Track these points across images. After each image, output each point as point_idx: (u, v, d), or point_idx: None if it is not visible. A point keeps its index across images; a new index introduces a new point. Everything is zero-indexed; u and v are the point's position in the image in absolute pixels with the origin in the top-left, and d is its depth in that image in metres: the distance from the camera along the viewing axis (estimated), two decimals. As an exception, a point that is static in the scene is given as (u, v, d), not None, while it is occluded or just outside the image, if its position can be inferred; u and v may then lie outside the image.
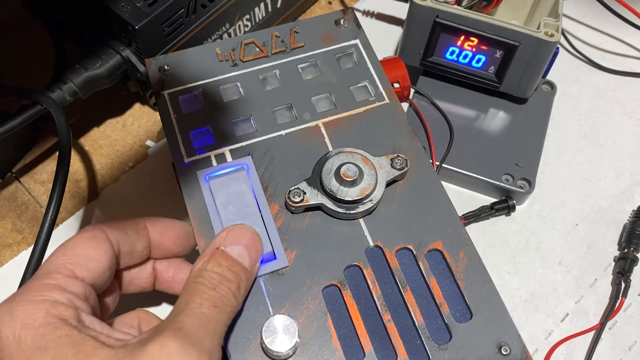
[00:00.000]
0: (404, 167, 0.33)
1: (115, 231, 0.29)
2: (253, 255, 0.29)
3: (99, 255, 0.28)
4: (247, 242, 0.29)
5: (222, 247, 0.28)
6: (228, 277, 0.27)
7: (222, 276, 0.27)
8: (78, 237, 0.28)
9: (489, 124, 0.46)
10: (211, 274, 0.27)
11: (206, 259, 0.27)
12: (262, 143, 0.35)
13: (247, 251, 0.28)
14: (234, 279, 0.27)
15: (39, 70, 0.49)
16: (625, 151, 0.47)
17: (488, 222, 0.43)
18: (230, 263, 0.27)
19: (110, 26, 0.42)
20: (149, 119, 0.48)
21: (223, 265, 0.27)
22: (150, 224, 0.31)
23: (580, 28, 0.55)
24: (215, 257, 0.27)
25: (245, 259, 0.28)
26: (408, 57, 0.46)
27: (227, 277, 0.27)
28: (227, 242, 0.28)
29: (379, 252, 0.31)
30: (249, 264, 0.28)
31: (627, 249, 0.41)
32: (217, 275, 0.27)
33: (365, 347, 0.28)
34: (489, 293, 0.30)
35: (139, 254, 0.31)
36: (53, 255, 0.27)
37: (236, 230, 0.29)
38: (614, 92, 0.51)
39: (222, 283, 0.27)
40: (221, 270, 0.27)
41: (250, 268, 0.28)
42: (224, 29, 0.46)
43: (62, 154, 0.37)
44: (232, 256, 0.28)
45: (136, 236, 0.30)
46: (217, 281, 0.26)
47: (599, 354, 0.38)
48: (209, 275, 0.27)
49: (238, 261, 0.28)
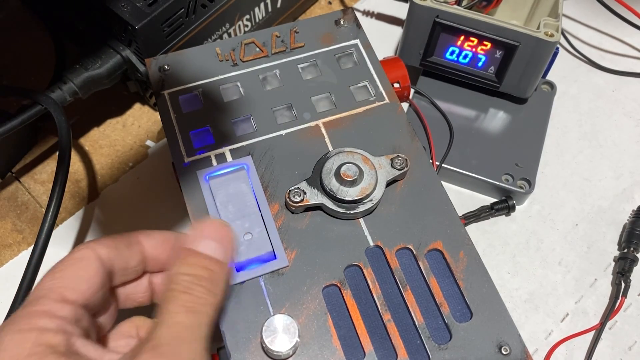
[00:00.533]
0: (404, 167, 0.33)
1: (106, 249, 0.28)
2: (227, 246, 0.28)
3: (90, 276, 0.27)
4: (218, 235, 0.27)
5: (193, 246, 0.27)
6: (201, 275, 0.26)
7: (193, 276, 0.26)
8: (67, 258, 0.27)
9: (489, 124, 0.46)
10: (183, 277, 0.26)
11: (178, 263, 0.26)
12: (262, 143, 0.35)
13: (220, 244, 0.27)
14: (208, 275, 0.26)
15: (39, 70, 0.49)
16: (625, 151, 0.47)
17: (488, 222, 0.43)
18: (201, 260, 0.27)
19: (110, 26, 0.42)
20: (149, 119, 0.48)
21: (194, 265, 0.26)
22: (144, 237, 0.30)
23: (580, 28, 0.55)
24: (185, 258, 0.27)
25: (218, 252, 0.27)
26: (408, 57, 0.46)
27: (200, 275, 0.26)
28: (198, 239, 0.27)
29: (379, 252, 0.31)
30: (224, 256, 0.27)
31: (627, 249, 0.41)
32: (189, 276, 0.26)
33: (365, 346, 0.28)
34: (489, 293, 0.30)
35: (133, 269, 0.30)
36: (42, 280, 0.26)
37: (205, 225, 0.28)
38: (613, 92, 0.51)
39: (195, 283, 0.26)
40: (192, 270, 0.26)
41: (225, 260, 0.27)
42: (224, 29, 0.46)
43: (62, 154, 0.37)
44: (202, 252, 0.27)
45: (129, 252, 0.29)
46: (190, 282, 0.26)
47: (599, 354, 0.38)
48: (180, 279, 0.26)
49: (209, 255, 0.27)
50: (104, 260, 0.28)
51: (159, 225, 0.42)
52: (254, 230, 0.31)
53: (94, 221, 0.43)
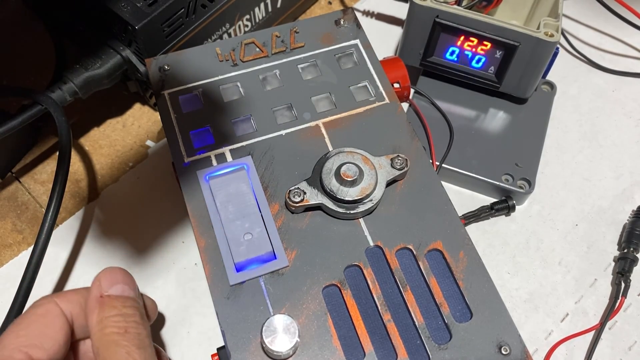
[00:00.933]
0: (404, 167, 0.33)
1: (69, 304, 0.29)
2: (132, 285, 0.30)
3: (54, 332, 0.27)
4: (122, 278, 0.29)
5: (104, 292, 0.28)
6: (128, 313, 0.27)
7: (123, 315, 0.27)
8: (31, 313, 0.28)
9: (489, 124, 0.46)
10: (113, 319, 0.27)
11: (98, 310, 0.27)
12: (262, 143, 0.35)
13: (127, 285, 0.29)
14: (133, 311, 0.28)
15: (39, 70, 0.49)
16: (625, 151, 0.47)
17: (488, 222, 0.43)
18: (122, 301, 0.28)
19: (110, 26, 0.42)
20: (149, 119, 0.48)
21: (118, 307, 0.28)
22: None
23: (580, 28, 0.55)
24: (106, 303, 0.28)
25: (129, 291, 0.29)
26: (408, 57, 0.46)
27: (127, 313, 0.27)
28: (105, 286, 0.28)
29: (379, 252, 0.31)
30: (134, 294, 0.29)
31: (627, 249, 0.41)
32: (119, 317, 0.27)
33: (365, 346, 0.28)
34: (489, 293, 0.30)
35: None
36: (6, 338, 0.27)
37: (106, 273, 0.29)
38: (613, 92, 0.51)
39: (128, 322, 0.27)
40: (119, 311, 0.27)
41: (137, 297, 0.29)
42: (224, 29, 0.46)
43: (62, 154, 0.37)
44: (119, 295, 0.28)
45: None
46: (123, 322, 0.27)
47: (599, 354, 0.38)
48: (112, 322, 0.27)
49: (125, 296, 0.28)
50: (66, 315, 0.28)
51: (159, 225, 0.42)
52: (254, 230, 0.31)
53: (94, 221, 0.43)
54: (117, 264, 0.41)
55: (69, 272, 0.40)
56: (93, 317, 0.27)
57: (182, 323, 0.38)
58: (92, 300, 0.28)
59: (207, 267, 0.30)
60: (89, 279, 0.40)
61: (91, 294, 0.28)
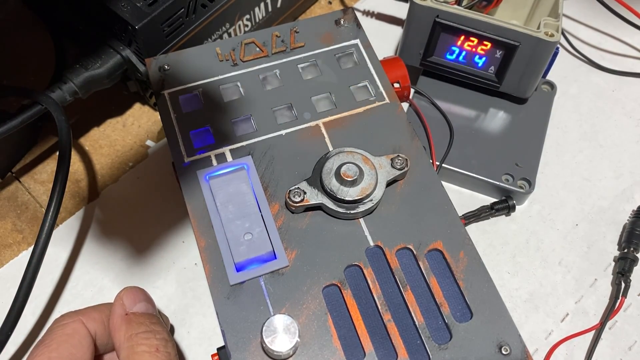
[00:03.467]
0: (404, 167, 0.33)
1: (94, 323, 0.29)
2: (153, 303, 0.30)
3: (83, 353, 0.28)
4: (143, 297, 0.30)
5: (129, 310, 0.29)
6: (157, 330, 0.28)
7: (152, 332, 0.28)
8: (59, 334, 0.28)
9: (489, 124, 0.46)
10: (143, 336, 0.27)
11: (126, 326, 0.28)
12: (262, 143, 0.35)
13: (149, 303, 0.30)
14: (160, 328, 0.28)
15: (39, 70, 0.49)
16: (625, 151, 0.47)
17: (488, 222, 0.43)
18: (148, 318, 0.29)
19: (110, 26, 0.42)
20: (149, 119, 0.48)
21: (146, 323, 0.28)
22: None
23: (580, 28, 0.55)
24: (133, 320, 0.28)
25: (152, 310, 0.30)
26: (408, 57, 0.46)
27: (156, 330, 0.28)
28: (129, 304, 0.29)
29: (379, 252, 0.31)
30: (156, 312, 0.30)
31: (627, 249, 0.41)
32: (148, 333, 0.28)
33: (365, 346, 0.28)
34: (489, 293, 0.30)
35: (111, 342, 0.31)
36: (36, 356, 0.27)
37: (128, 292, 0.30)
38: (613, 92, 0.51)
39: (158, 339, 0.27)
40: (148, 328, 0.28)
41: (158, 316, 0.30)
42: (224, 29, 0.46)
43: (62, 154, 0.37)
44: (144, 312, 0.29)
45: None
46: (154, 339, 0.27)
47: (599, 353, 0.38)
48: (142, 339, 0.27)
49: (150, 314, 0.29)
50: (92, 334, 0.29)
51: (159, 225, 0.42)
52: (254, 230, 0.31)
53: (94, 221, 0.43)
54: (117, 264, 0.41)
55: (69, 272, 0.40)
56: (120, 335, 0.28)
57: (182, 323, 0.38)
58: (117, 318, 0.28)
59: (207, 267, 0.30)
60: (89, 279, 0.40)
61: (115, 312, 0.29)
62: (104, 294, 0.40)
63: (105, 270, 0.40)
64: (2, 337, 0.34)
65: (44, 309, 0.39)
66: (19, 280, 0.35)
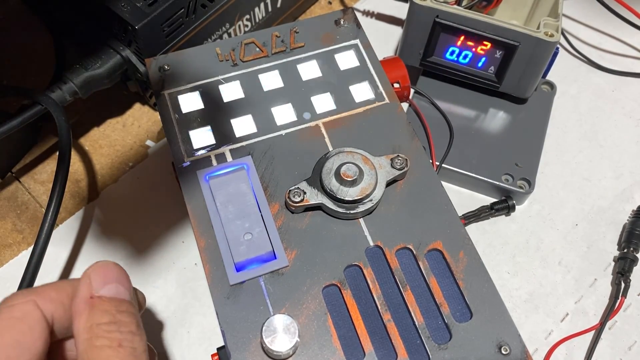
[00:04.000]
0: (404, 167, 0.33)
1: (50, 304, 0.24)
2: (127, 284, 0.25)
3: (32, 341, 0.23)
4: (116, 276, 0.25)
5: (95, 292, 0.24)
6: (123, 321, 0.23)
7: (117, 324, 0.23)
8: (5, 317, 0.23)
9: (489, 124, 0.46)
10: (105, 328, 0.23)
11: (87, 314, 0.23)
12: (262, 143, 0.35)
13: (122, 284, 0.25)
14: (129, 319, 0.24)
15: (39, 70, 0.49)
16: (625, 151, 0.47)
17: (488, 222, 0.43)
18: (116, 305, 0.24)
19: (110, 26, 0.42)
20: (149, 119, 0.48)
21: (111, 312, 0.23)
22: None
23: (580, 28, 0.55)
24: (97, 307, 0.23)
25: (124, 293, 0.24)
26: (408, 57, 0.46)
27: (122, 320, 0.23)
28: (97, 285, 0.24)
29: (379, 252, 0.31)
30: (129, 294, 0.25)
31: (626, 249, 0.41)
32: (112, 325, 0.23)
33: (365, 346, 0.28)
34: (489, 293, 0.30)
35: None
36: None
37: (98, 269, 0.25)
38: (613, 92, 0.51)
39: (122, 333, 0.23)
40: (112, 318, 0.23)
41: (131, 299, 0.25)
42: (224, 29, 0.46)
43: (62, 154, 0.37)
44: (113, 297, 0.24)
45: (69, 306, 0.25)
46: (117, 333, 0.23)
47: (599, 353, 0.38)
48: (104, 331, 0.23)
49: (121, 299, 0.24)
50: (47, 317, 0.24)
51: (159, 225, 0.42)
52: (254, 230, 0.31)
53: (94, 221, 0.43)
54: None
55: (69, 272, 0.40)
56: (80, 322, 0.23)
57: (182, 323, 0.38)
58: (80, 301, 0.24)
59: (207, 267, 0.30)
60: (89, 279, 0.40)
61: (79, 293, 0.24)
62: (104, 294, 0.40)
63: (105, 270, 0.40)
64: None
65: (44, 309, 0.39)
66: (19, 280, 0.35)
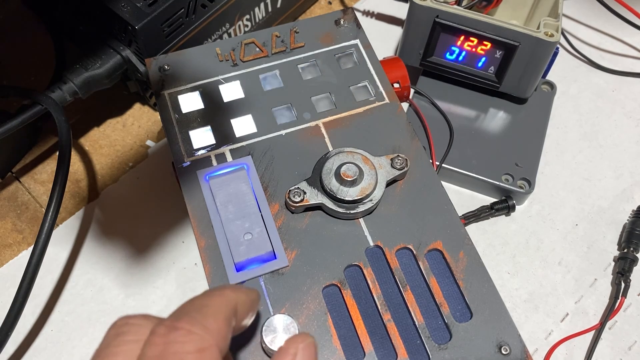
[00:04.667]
0: (404, 167, 0.33)
1: (224, 341, 0.21)
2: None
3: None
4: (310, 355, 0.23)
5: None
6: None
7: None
8: (182, 352, 0.20)
9: (489, 124, 0.46)
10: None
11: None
12: (262, 143, 0.35)
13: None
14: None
15: (39, 70, 0.49)
16: (625, 151, 0.47)
17: (488, 222, 0.43)
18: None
19: (110, 26, 0.42)
20: (149, 119, 0.48)
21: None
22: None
23: (580, 28, 0.55)
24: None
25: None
26: (408, 57, 0.46)
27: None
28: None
29: (379, 252, 0.31)
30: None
31: (627, 249, 0.41)
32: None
33: (365, 346, 0.28)
34: (489, 293, 0.30)
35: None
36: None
37: (307, 350, 0.23)
38: (613, 92, 0.51)
39: None
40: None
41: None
42: (224, 29, 0.46)
43: (62, 154, 0.37)
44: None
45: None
46: None
47: (599, 353, 0.38)
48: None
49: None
50: (222, 351, 0.21)
51: (159, 225, 0.42)
52: (254, 230, 0.31)
53: (94, 221, 0.43)
54: (117, 264, 0.41)
55: (69, 272, 0.40)
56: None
57: (182, 323, 0.38)
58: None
59: (207, 267, 0.30)
60: (89, 279, 0.40)
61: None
62: (103, 294, 0.40)
63: (105, 270, 0.40)
64: (2, 337, 0.34)
65: (43, 309, 0.39)
66: (18, 280, 0.35)
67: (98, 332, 0.38)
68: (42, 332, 0.38)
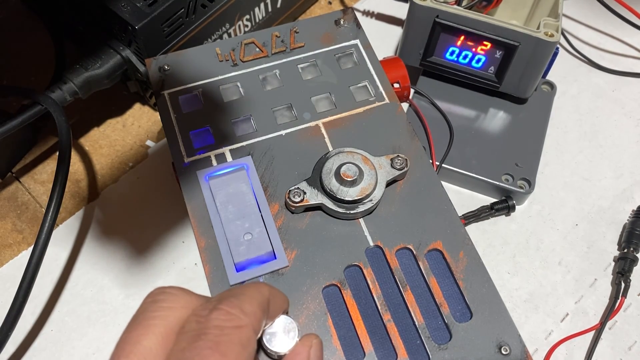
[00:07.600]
0: (404, 167, 0.33)
1: (258, 324, 0.23)
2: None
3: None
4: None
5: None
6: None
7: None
8: (222, 326, 0.21)
9: (489, 124, 0.46)
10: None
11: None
12: (262, 143, 0.35)
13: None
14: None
15: (39, 70, 0.49)
16: (625, 151, 0.47)
17: (488, 222, 0.43)
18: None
19: (110, 26, 0.42)
20: (149, 119, 0.48)
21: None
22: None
23: (580, 28, 0.55)
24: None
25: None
26: (408, 57, 0.46)
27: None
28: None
29: (379, 252, 0.31)
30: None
31: (627, 249, 0.41)
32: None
33: (365, 346, 0.28)
34: (489, 293, 0.30)
35: None
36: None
37: (316, 348, 0.24)
38: (613, 92, 0.51)
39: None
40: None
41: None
42: (224, 29, 0.46)
43: (62, 154, 0.37)
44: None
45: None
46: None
47: (599, 353, 0.38)
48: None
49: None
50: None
51: (159, 225, 0.42)
52: (254, 230, 0.31)
53: (93, 221, 0.43)
54: (117, 264, 0.41)
55: (69, 272, 0.40)
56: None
57: (182, 323, 0.38)
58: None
59: (207, 267, 0.30)
60: (89, 279, 0.40)
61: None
62: (103, 294, 0.40)
63: (105, 270, 0.40)
64: (2, 337, 0.34)
65: (43, 309, 0.39)
66: (18, 280, 0.35)
67: (98, 332, 0.38)
68: (42, 332, 0.38)
